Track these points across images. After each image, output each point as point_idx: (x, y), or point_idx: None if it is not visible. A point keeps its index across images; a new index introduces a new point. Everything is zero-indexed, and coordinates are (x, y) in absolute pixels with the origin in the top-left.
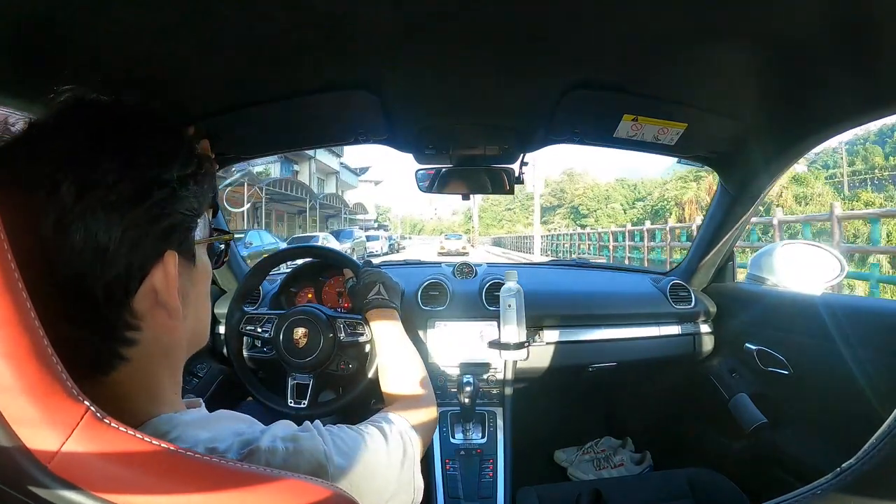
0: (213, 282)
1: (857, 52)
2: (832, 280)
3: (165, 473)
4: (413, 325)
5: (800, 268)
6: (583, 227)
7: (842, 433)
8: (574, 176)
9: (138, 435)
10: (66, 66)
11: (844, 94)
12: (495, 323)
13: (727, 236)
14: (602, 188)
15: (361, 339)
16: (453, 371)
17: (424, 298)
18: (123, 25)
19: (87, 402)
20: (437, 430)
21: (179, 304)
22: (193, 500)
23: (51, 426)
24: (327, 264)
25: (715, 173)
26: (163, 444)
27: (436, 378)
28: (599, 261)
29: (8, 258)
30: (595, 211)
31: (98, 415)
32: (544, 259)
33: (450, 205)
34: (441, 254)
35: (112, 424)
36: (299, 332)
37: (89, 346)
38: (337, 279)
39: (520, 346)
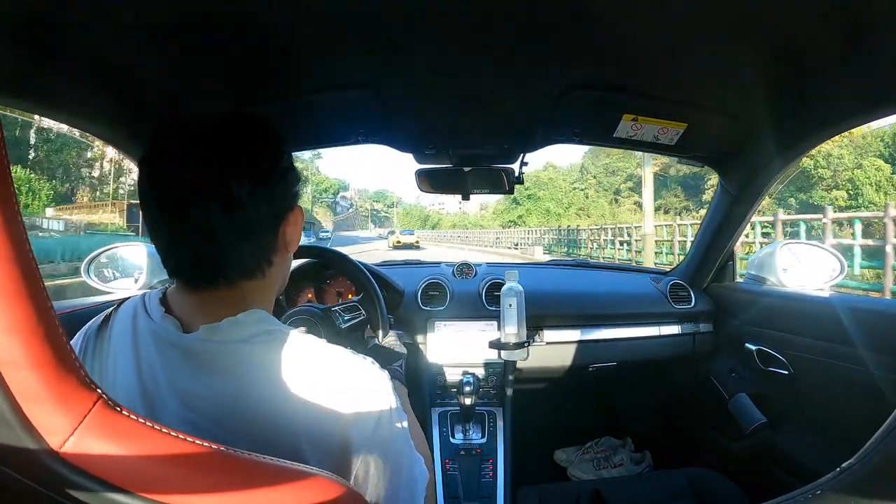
0: None
1: (857, 52)
2: (832, 280)
3: (177, 462)
4: (413, 326)
5: (800, 267)
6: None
7: (842, 433)
8: None
9: (148, 423)
10: (67, 65)
11: (844, 94)
12: (495, 323)
13: (727, 236)
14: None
15: (361, 318)
16: (453, 371)
17: (424, 298)
18: (123, 26)
19: (99, 390)
20: (437, 430)
21: (294, 244)
22: (203, 487)
23: (63, 413)
24: (326, 264)
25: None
26: (172, 433)
27: (436, 378)
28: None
29: (28, 249)
30: (848, 171)
31: (110, 402)
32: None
33: (477, 198)
34: (396, 247)
35: (124, 413)
36: (300, 331)
37: (254, 261)
38: (337, 279)
39: (520, 345)
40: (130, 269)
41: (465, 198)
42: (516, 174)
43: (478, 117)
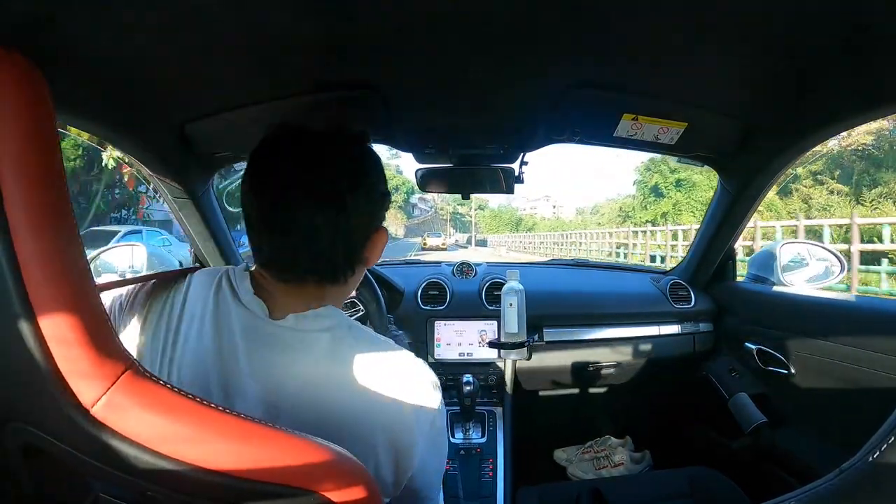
0: None
1: (857, 52)
2: (832, 279)
3: (199, 425)
4: (413, 325)
5: (800, 267)
6: None
7: (842, 433)
8: None
9: (175, 389)
10: (66, 66)
11: (844, 94)
12: (495, 322)
13: (727, 235)
14: None
15: (358, 315)
16: (453, 370)
17: (424, 298)
18: (124, 25)
19: (130, 358)
20: None
21: (373, 260)
22: (221, 450)
23: (96, 377)
24: None
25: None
26: (197, 399)
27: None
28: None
29: (74, 225)
30: None
31: (140, 369)
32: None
33: (572, 202)
34: (424, 248)
35: (152, 378)
36: None
37: (343, 267)
38: None
39: (520, 345)
40: (131, 269)
41: (466, 197)
42: (516, 174)
43: (478, 117)
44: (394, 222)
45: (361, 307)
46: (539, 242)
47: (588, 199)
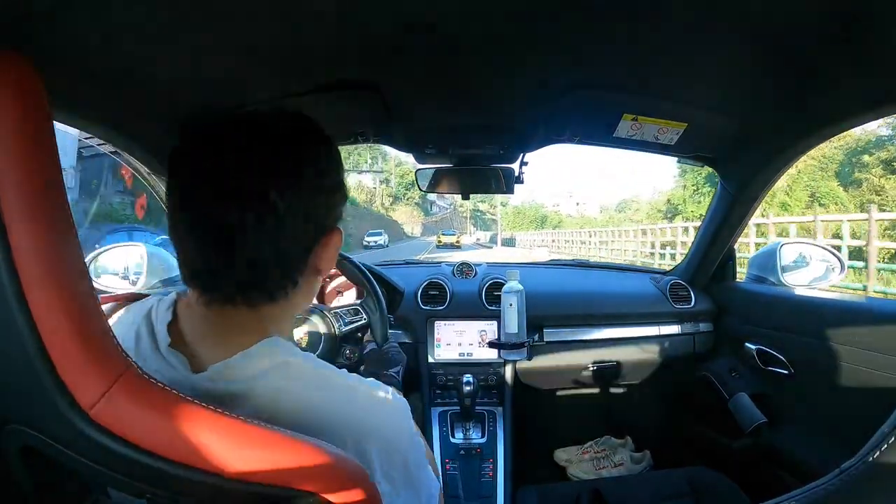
0: None
1: (856, 52)
2: (833, 279)
3: (198, 428)
4: (413, 325)
5: (800, 267)
6: None
7: (842, 433)
8: None
9: (174, 392)
10: (65, 65)
11: (844, 94)
12: (495, 322)
13: (727, 235)
14: None
15: (360, 322)
16: (453, 371)
17: (424, 298)
18: (124, 25)
19: (129, 359)
20: (437, 430)
21: (327, 268)
22: (223, 453)
23: (96, 378)
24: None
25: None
26: (196, 402)
27: (435, 377)
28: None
29: (76, 240)
30: None
31: (139, 371)
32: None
33: (597, 198)
34: (438, 246)
35: (151, 380)
36: (299, 332)
37: (278, 280)
38: (337, 278)
39: (520, 345)
40: (130, 269)
41: (465, 197)
42: (516, 174)
43: (477, 117)
44: (411, 220)
45: (365, 316)
46: (601, 241)
47: (610, 196)
